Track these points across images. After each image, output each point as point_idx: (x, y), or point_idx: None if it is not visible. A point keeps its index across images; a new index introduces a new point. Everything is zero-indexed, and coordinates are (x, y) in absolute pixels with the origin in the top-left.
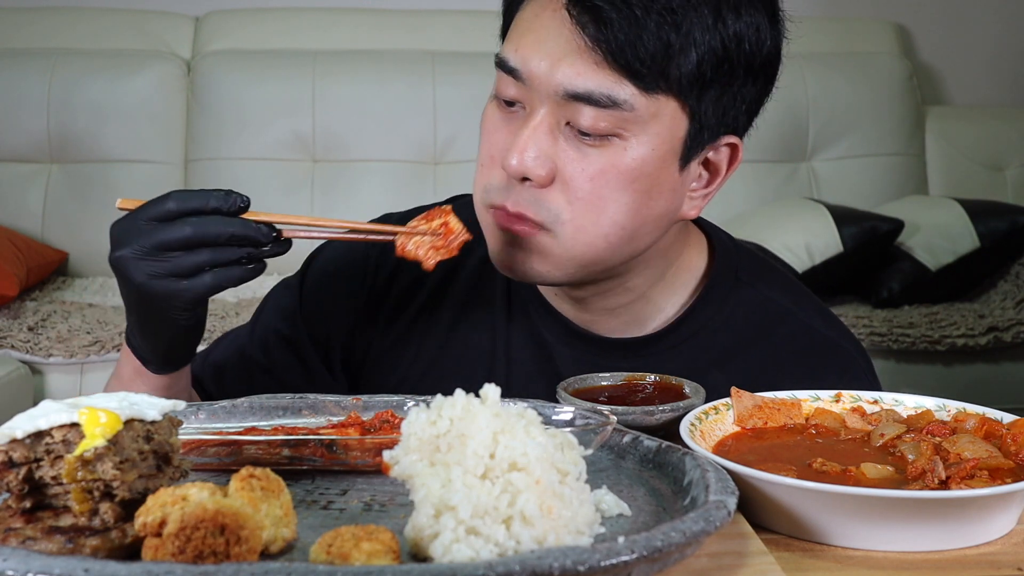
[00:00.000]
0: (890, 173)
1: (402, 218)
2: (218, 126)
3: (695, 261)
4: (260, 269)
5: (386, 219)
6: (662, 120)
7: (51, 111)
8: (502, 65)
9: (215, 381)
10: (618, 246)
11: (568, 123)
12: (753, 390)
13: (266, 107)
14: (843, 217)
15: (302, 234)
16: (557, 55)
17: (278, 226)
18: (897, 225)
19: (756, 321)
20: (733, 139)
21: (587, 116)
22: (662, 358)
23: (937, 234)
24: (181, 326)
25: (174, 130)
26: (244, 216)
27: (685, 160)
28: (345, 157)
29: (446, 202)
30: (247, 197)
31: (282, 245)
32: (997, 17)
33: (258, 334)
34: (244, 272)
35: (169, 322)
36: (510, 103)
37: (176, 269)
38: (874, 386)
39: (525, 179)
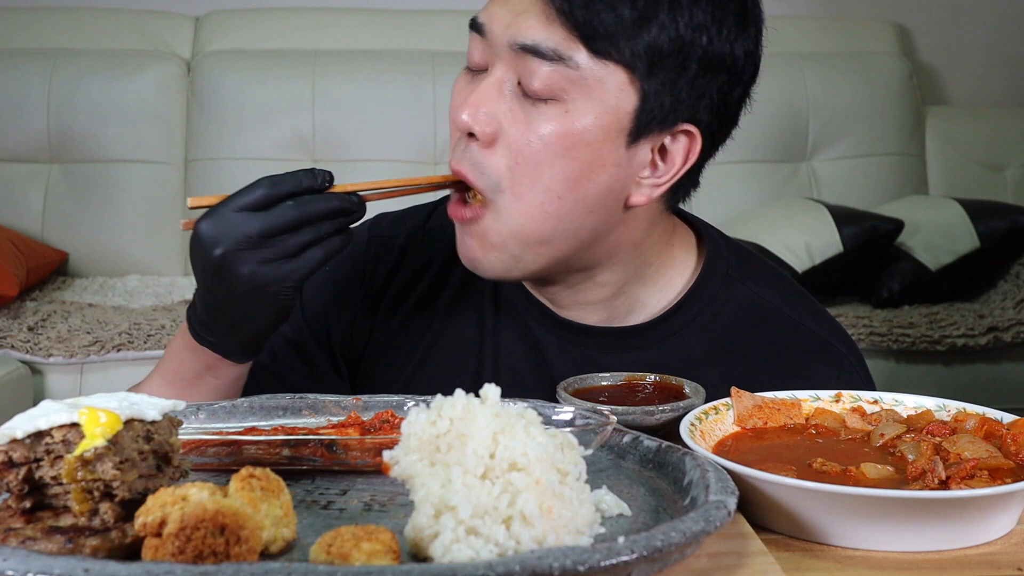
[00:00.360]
0: (890, 173)
1: (396, 219)
2: (218, 126)
3: (683, 259)
4: (351, 236)
5: (380, 219)
6: (608, 89)
7: (51, 111)
8: (473, 24)
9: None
10: (556, 219)
11: (519, 82)
12: (742, 387)
13: (266, 107)
14: (843, 217)
15: (377, 197)
16: (517, 11)
17: (360, 193)
18: (897, 225)
19: (746, 318)
20: (689, 126)
21: (535, 71)
22: (649, 350)
23: (937, 234)
24: (286, 307)
25: (174, 130)
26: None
27: (633, 138)
28: (345, 157)
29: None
30: (330, 172)
31: (363, 209)
32: (997, 17)
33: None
34: (342, 242)
35: (275, 306)
36: (477, 70)
37: (285, 251)
38: (867, 385)
39: (471, 135)
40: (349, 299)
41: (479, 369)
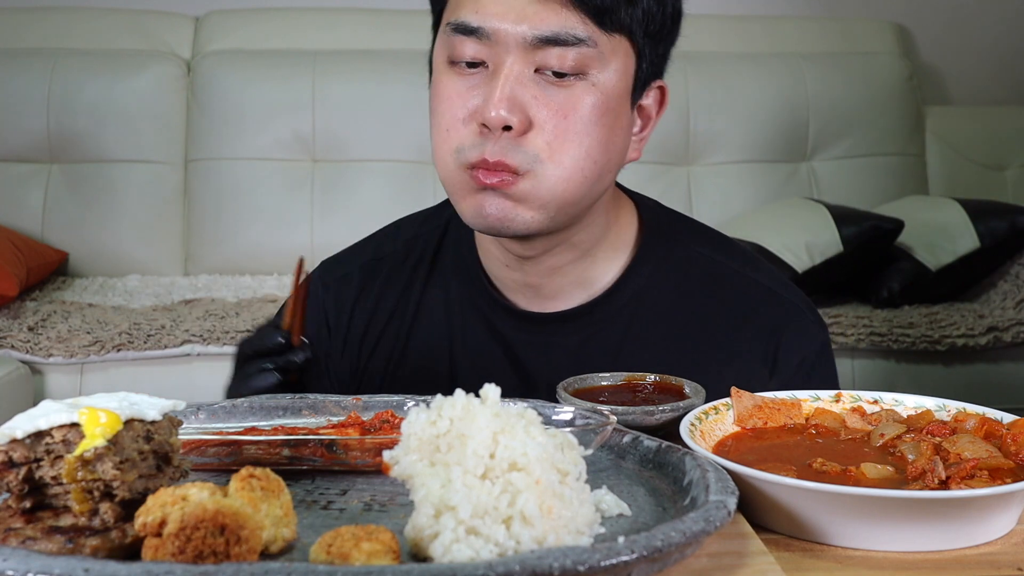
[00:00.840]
0: (890, 173)
1: (343, 259)
2: (218, 126)
3: (628, 222)
4: (282, 376)
5: (327, 264)
6: (619, 57)
7: (51, 111)
8: (462, 29)
9: None
10: (592, 182)
11: (537, 69)
12: (699, 343)
13: (266, 107)
14: (843, 217)
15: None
16: (522, 5)
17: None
18: (897, 225)
19: (692, 277)
20: (661, 82)
21: (555, 56)
22: (610, 325)
23: (937, 234)
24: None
25: (174, 130)
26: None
27: (635, 99)
28: (345, 157)
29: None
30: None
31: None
32: (997, 17)
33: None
34: (275, 378)
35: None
36: (470, 64)
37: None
38: (817, 324)
39: (506, 128)
40: (323, 349)
41: (452, 376)
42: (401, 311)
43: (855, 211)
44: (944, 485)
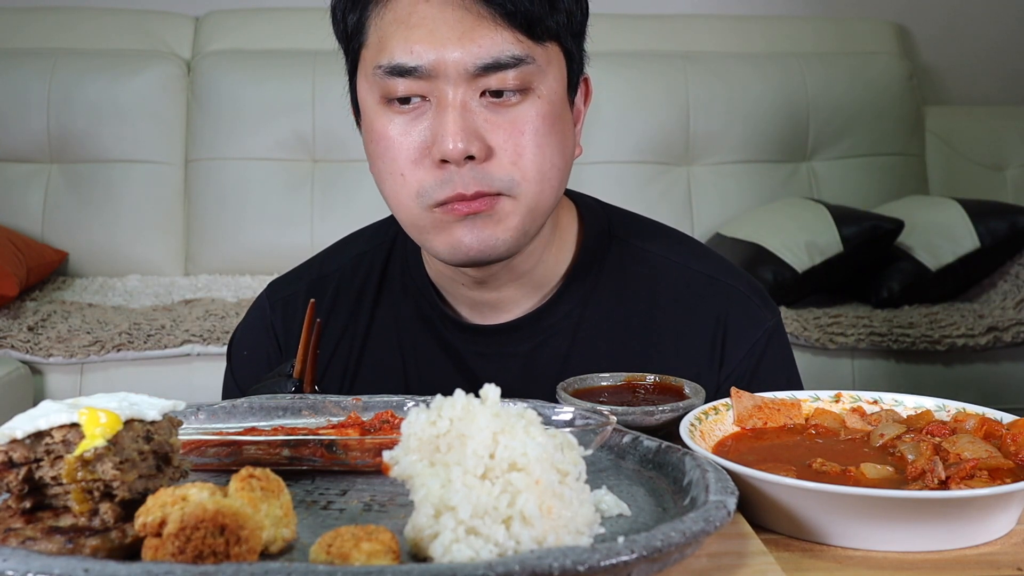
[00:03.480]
0: (890, 173)
1: (290, 278)
2: (218, 126)
3: (569, 223)
4: None
5: (274, 284)
6: (554, 64)
7: (51, 111)
8: (398, 71)
9: None
10: (559, 188)
11: (482, 93)
12: (646, 343)
13: (266, 107)
14: (843, 217)
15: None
16: (455, 36)
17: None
18: (897, 225)
19: (636, 274)
20: (586, 74)
21: (497, 80)
22: (558, 330)
23: (937, 234)
24: None
25: (174, 130)
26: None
27: (571, 98)
28: (345, 157)
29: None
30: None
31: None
32: (997, 17)
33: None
34: None
35: None
36: (403, 100)
37: None
38: (765, 307)
39: (468, 158)
40: (269, 364)
41: (406, 391)
42: (352, 329)
43: (855, 211)
44: (944, 485)
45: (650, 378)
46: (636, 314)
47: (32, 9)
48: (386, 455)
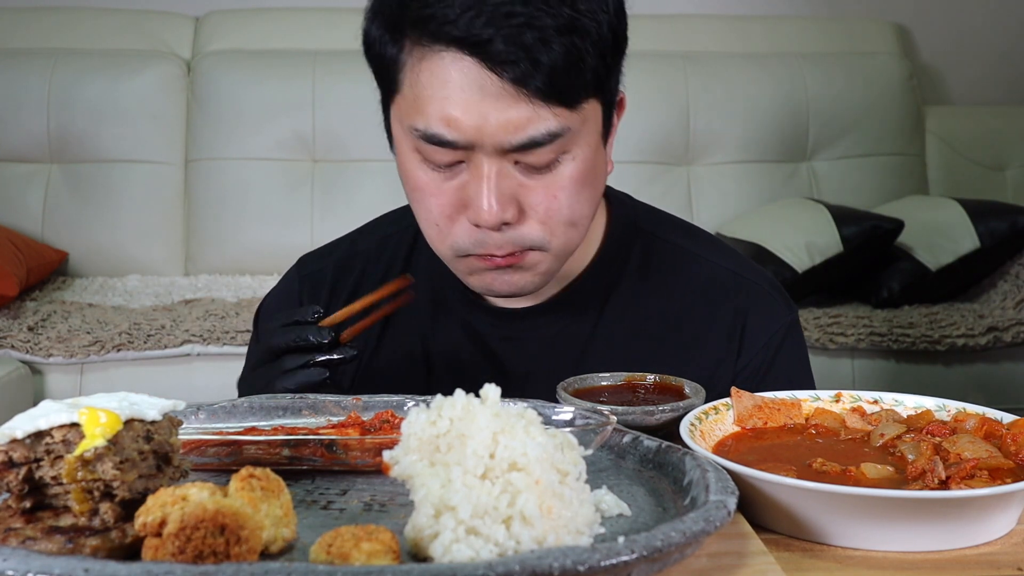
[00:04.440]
0: (890, 173)
1: (321, 254)
2: (218, 126)
3: (598, 215)
4: (326, 370)
5: (305, 259)
6: (590, 120)
7: (51, 111)
8: (434, 140)
9: None
10: (584, 231)
11: (516, 161)
12: (667, 332)
13: (266, 107)
14: (843, 217)
15: (355, 328)
16: (490, 114)
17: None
18: (897, 225)
19: (659, 265)
20: (622, 94)
21: (534, 156)
22: (582, 315)
23: (937, 234)
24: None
25: (174, 130)
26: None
27: (605, 138)
28: (345, 157)
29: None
30: (319, 309)
31: (336, 344)
32: (997, 17)
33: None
34: (319, 374)
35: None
36: (447, 167)
37: (281, 368)
38: (786, 306)
39: (503, 224)
40: None
41: (427, 370)
42: (374, 308)
43: (855, 211)
44: (944, 485)
45: (650, 378)
46: (658, 303)
47: (32, 9)
48: (386, 455)
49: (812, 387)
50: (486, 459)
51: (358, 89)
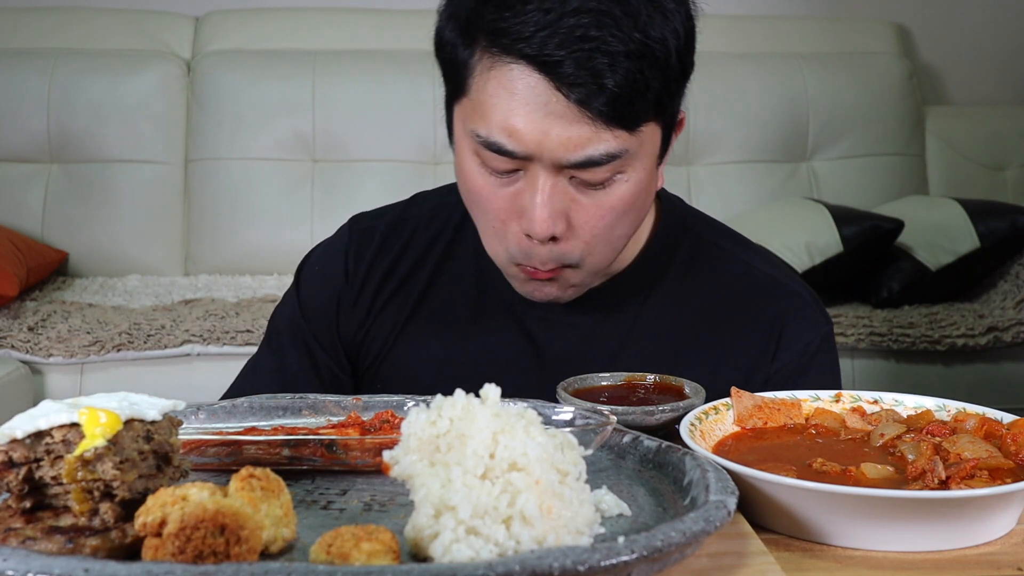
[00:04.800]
0: (890, 173)
1: (374, 213)
2: (218, 126)
3: (649, 214)
4: None
5: (359, 216)
6: (647, 143)
7: (51, 111)
8: (493, 148)
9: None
10: (626, 244)
11: (572, 176)
12: (704, 332)
13: (266, 107)
14: (843, 217)
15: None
16: (552, 130)
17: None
18: (897, 225)
19: (703, 265)
20: (683, 113)
21: (590, 174)
22: (623, 308)
23: (937, 234)
24: None
25: (174, 130)
26: None
27: (660, 159)
28: (345, 157)
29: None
30: None
31: None
32: (997, 17)
33: (274, 350)
34: None
35: None
36: (504, 174)
37: None
38: (822, 316)
39: (551, 238)
40: (337, 293)
41: (463, 341)
42: (418, 273)
43: (855, 211)
44: (944, 485)
45: (650, 378)
46: (699, 302)
47: (32, 9)
48: (386, 455)
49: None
50: (486, 459)
51: (358, 89)
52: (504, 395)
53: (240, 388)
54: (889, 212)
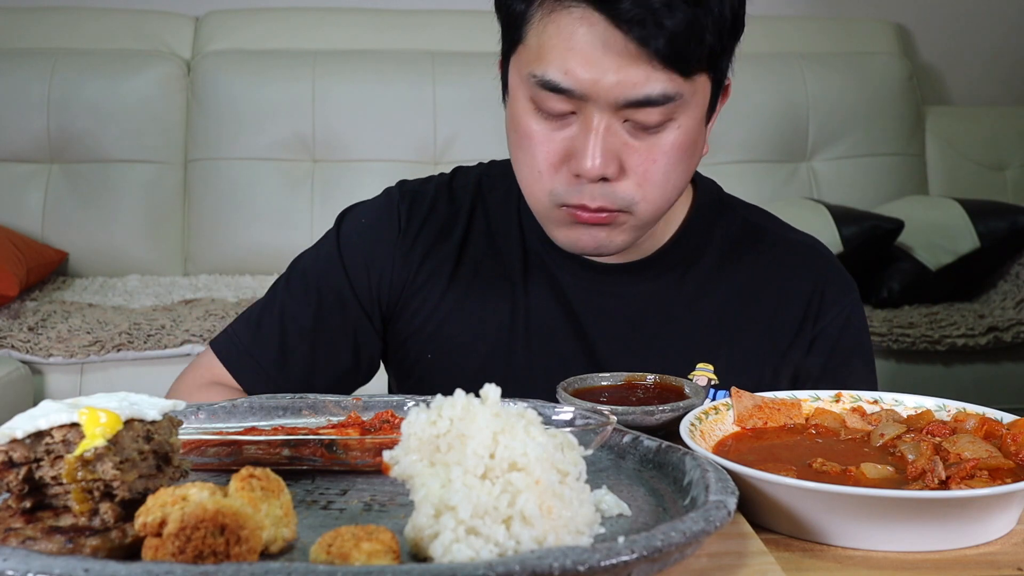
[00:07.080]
0: (890, 173)
1: (422, 180)
2: (218, 126)
3: (686, 191)
4: None
5: (405, 180)
6: (699, 94)
7: (51, 111)
8: (551, 87)
9: (278, 364)
10: (674, 200)
11: (626, 119)
12: (745, 301)
13: (266, 107)
14: (843, 217)
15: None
16: (610, 68)
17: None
18: (897, 225)
19: (740, 236)
20: (729, 79)
21: (645, 114)
22: (664, 279)
23: (937, 234)
24: None
25: (174, 130)
26: None
27: (709, 117)
28: (345, 157)
29: (445, 175)
30: None
31: None
32: (997, 17)
33: (300, 296)
34: None
35: None
36: (558, 116)
37: None
38: (855, 290)
39: (602, 179)
40: (385, 249)
41: (513, 311)
42: (464, 240)
43: (855, 211)
44: (944, 485)
45: (650, 378)
46: (740, 275)
47: (32, 9)
48: (386, 455)
49: (871, 349)
50: (486, 459)
51: (358, 89)
52: (546, 364)
53: (268, 327)
54: (889, 212)
